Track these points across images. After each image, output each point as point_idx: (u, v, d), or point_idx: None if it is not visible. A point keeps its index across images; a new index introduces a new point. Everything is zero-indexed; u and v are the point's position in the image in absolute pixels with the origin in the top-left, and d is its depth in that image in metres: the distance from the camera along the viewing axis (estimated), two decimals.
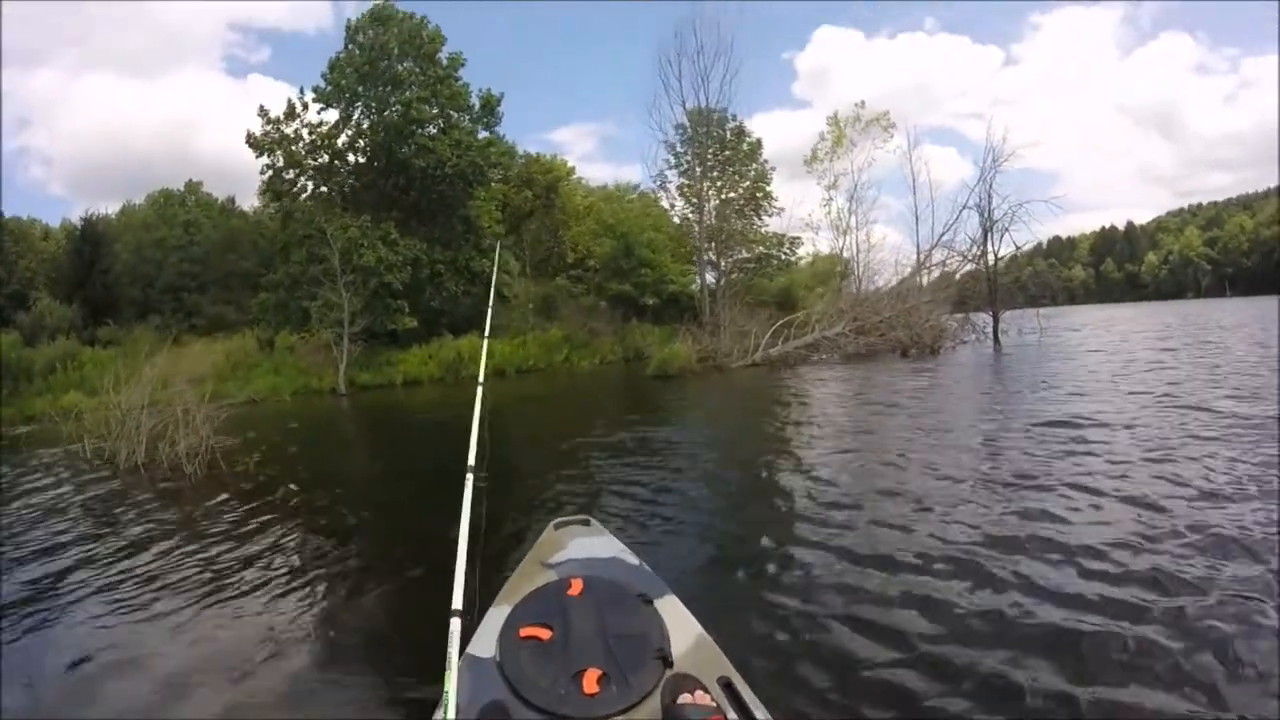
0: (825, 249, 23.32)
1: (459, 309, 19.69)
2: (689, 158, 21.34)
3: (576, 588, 1.72)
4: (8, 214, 32.89)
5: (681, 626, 1.64)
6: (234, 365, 21.11)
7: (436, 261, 19.92)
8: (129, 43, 61.64)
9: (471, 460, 1.99)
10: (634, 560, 1.96)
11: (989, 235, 18.18)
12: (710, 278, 21.64)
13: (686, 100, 20.40)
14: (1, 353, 20.16)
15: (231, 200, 30.23)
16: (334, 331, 18.26)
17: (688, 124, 21.27)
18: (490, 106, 20.91)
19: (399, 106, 19.68)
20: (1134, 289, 75.12)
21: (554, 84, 65.27)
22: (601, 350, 19.96)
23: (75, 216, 31.61)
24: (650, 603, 1.69)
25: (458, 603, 1.48)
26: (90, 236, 27.72)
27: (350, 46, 20.38)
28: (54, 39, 61.00)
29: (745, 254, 23.01)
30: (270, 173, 20.36)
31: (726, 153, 22.42)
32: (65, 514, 5.82)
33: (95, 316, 25.31)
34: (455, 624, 1.42)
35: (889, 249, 21.45)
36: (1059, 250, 65.56)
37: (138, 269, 26.95)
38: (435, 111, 20.32)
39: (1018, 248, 18.40)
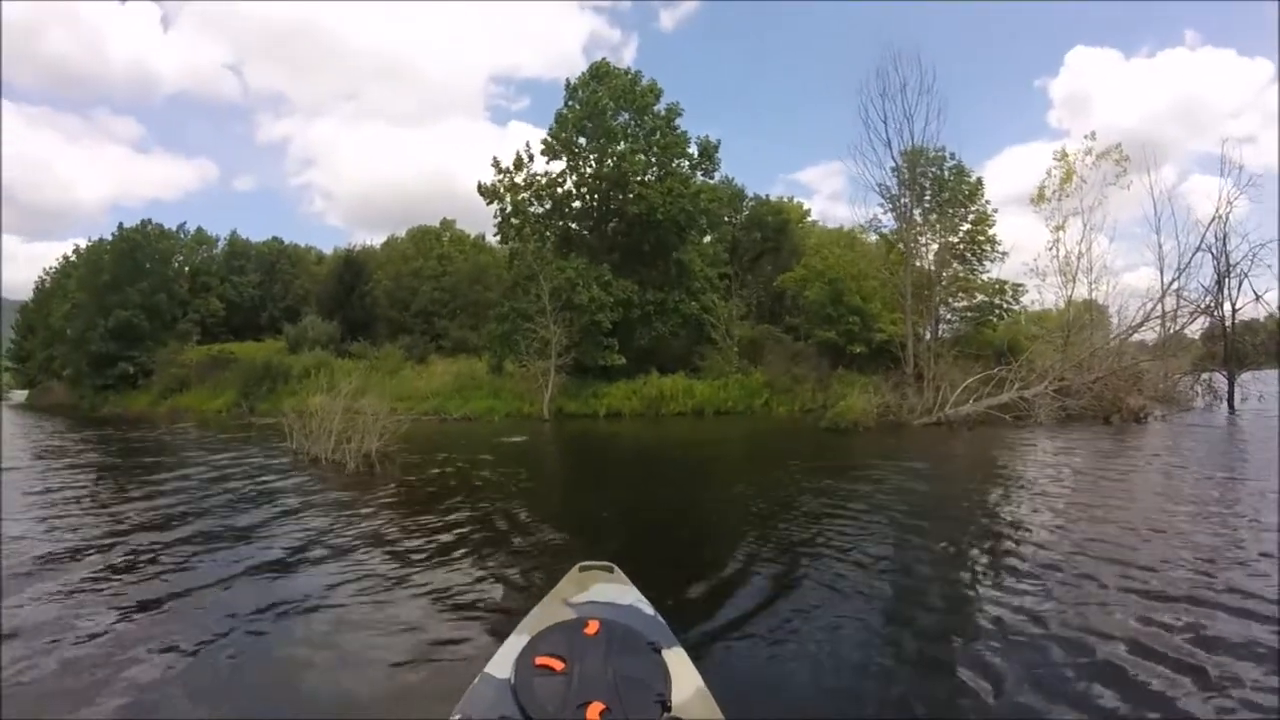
0: (1052, 296, 20.72)
1: (669, 348, 20.45)
2: (904, 200, 20.26)
3: (593, 628, 1.86)
4: (287, 240, 40.78)
5: (684, 677, 1.76)
6: (460, 386, 23.95)
7: (648, 303, 20.95)
8: (401, 97, 74.01)
9: None
10: (649, 611, 2.12)
11: (1224, 282, 15.44)
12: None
13: (892, 142, 19.29)
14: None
15: (482, 236, 34.03)
16: (543, 362, 19.94)
17: (902, 165, 20.17)
18: (708, 153, 21.65)
19: (613, 158, 21.12)
20: None
21: (805, 122, 65.85)
22: (802, 397, 19.56)
23: (346, 245, 38.02)
24: (659, 651, 1.81)
25: None
26: (352, 264, 33.10)
27: (571, 103, 22.28)
28: (334, 94, 74.76)
29: (964, 302, 21.32)
30: (500, 218, 22.84)
31: (945, 194, 21.02)
32: (243, 479, 8.70)
33: (353, 333, 30.04)
34: None
35: (1123, 296, 18.12)
36: None
37: (395, 294, 31.41)
38: (650, 161, 21.49)
39: (1258, 295, 15.51)
